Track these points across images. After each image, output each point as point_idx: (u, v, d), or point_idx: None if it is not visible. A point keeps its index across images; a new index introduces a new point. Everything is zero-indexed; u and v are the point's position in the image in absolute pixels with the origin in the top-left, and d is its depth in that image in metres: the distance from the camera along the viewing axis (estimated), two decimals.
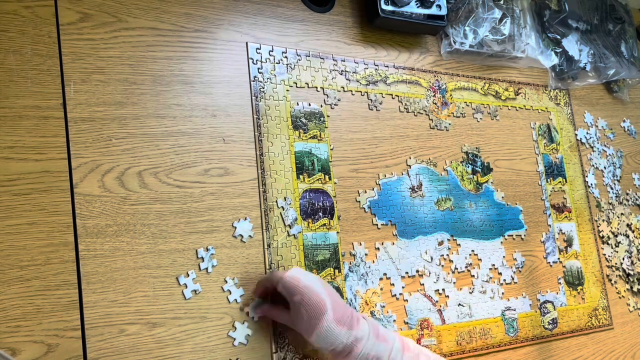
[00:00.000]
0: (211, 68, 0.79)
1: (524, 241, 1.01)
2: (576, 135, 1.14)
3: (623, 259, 1.12)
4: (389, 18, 0.91)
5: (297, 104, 0.84)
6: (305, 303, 0.66)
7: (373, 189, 0.87)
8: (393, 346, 0.69)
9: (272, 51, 0.85)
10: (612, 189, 1.15)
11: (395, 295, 0.85)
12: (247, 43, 0.83)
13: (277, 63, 0.85)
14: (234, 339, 0.71)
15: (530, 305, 0.97)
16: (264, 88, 0.82)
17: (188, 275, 0.70)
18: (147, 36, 0.76)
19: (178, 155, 0.74)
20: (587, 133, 1.16)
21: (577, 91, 1.19)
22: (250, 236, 0.76)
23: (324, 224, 0.82)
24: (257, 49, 0.83)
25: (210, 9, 0.81)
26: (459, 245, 0.93)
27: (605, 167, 1.17)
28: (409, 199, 0.90)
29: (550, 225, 1.05)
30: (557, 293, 1.01)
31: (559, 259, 1.04)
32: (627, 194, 1.18)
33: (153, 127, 0.73)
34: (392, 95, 0.94)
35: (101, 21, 0.73)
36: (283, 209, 0.79)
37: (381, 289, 0.84)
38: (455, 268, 0.91)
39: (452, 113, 0.99)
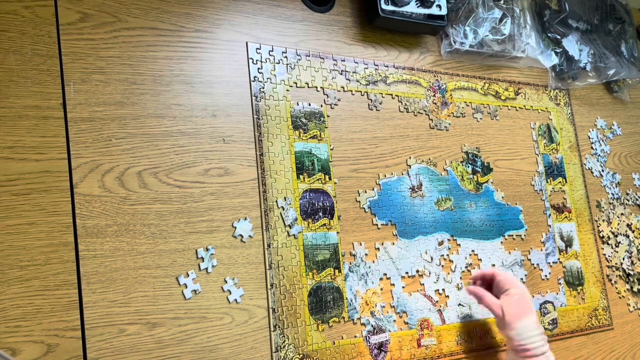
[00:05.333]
0: (211, 68, 0.79)
1: (524, 241, 1.01)
2: (589, 137, 1.14)
3: (623, 259, 1.12)
4: (389, 18, 0.91)
5: (297, 104, 0.84)
6: (521, 298, 0.81)
7: (373, 189, 0.87)
8: None
9: (272, 51, 0.85)
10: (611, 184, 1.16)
11: (395, 295, 0.85)
12: (247, 43, 0.83)
13: (277, 63, 0.84)
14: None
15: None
16: (264, 88, 0.82)
17: (188, 275, 0.70)
18: (147, 36, 0.76)
19: (178, 155, 0.74)
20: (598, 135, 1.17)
21: (577, 91, 1.19)
22: (250, 236, 0.76)
23: (324, 224, 0.82)
24: (257, 49, 0.83)
25: (210, 9, 0.81)
26: (459, 245, 0.93)
27: (602, 169, 1.17)
28: (409, 199, 0.90)
29: (550, 225, 1.05)
30: (557, 293, 1.01)
31: (558, 259, 1.04)
32: (627, 194, 1.18)
33: (153, 127, 0.73)
34: (392, 95, 0.94)
35: (101, 21, 0.73)
36: (283, 209, 0.79)
37: (381, 289, 0.84)
38: (455, 268, 0.91)
39: (452, 113, 0.99)
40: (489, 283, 0.87)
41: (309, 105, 0.85)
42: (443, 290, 0.89)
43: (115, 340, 0.65)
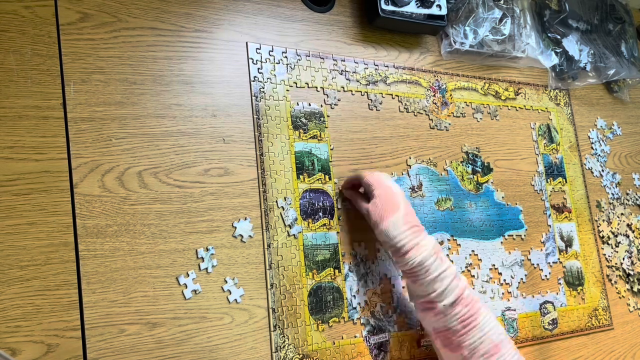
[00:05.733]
0: (211, 68, 0.79)
1: (524, 241, 1.01)
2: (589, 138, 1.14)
3: (623, 259, 1.12)
4: (389, 18, 0.91)
5: (297, 104, 0.84)
6: (383, 196, 0.76)
7: None
8: (447, 269, 0.73)
9: (272, 51, 0.85)
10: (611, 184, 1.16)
11: (395, 295, 0.85)
12: (247, 43, 0.83)
13: (277, 63, 0.85)
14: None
15: (530, 305, 0.97)
16: (264, 88, 0.82)
17: (188, 275, 0.70)
18: (147, 36, 0.76)
19: (178, 155, 0.74)
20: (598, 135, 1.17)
21: (577, 91, 1.19)
22: (250, 236, 0.76)
23: (324, 224, 0.82)
24: (257, 49, 0.83)
25: (210, 9, 0.81)
26: (459, 245, 0.93)
27: (603, 169, 1.17)
28: (409, 198, 0.90)
29: (550, 225, 1.05)
30: (557, 293, 1.01)
31: (558, 259, 1.04)
32: (627, 194, 1.18)
33: (153, 127, 0.73)
34: (392, 95, 0.94)
35: (101, 21, 0.73)
36: (283, 209, 0.79)
37: (381, 289, 0.84)
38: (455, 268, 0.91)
39: (452, 113, 0.99)
40: (358, 187, 0.83)
41: (309, 105, 0.85)
42: None
43: (115, 340, 0.65)
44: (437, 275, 0.72)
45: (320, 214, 0.82)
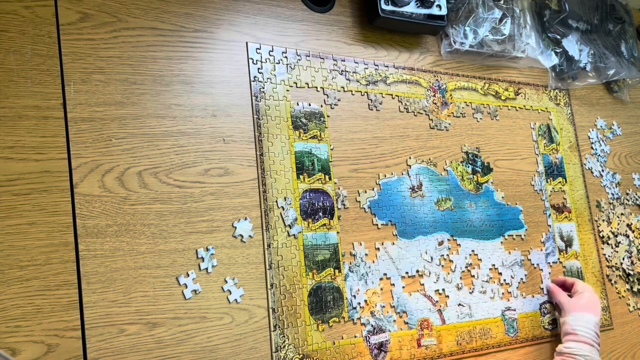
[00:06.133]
0: (211, 68, 0.79)
1: (524, 241, 1.01)
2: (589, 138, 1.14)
3: (623, 259, 1.12)
4: (389, 18, 0.91)
5: (297, 104, 0.84)
6: (591, 300, 0.91)
7: (373, 189, 0.87)
8: None
9: (272, 51, 0.85)
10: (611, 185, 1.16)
11: (395, 295, 0.85)
12: (247, 43, 0.83)
13: (277, 63, 0.85)
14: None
15: (530, 305, 0.97)
16: (264, 88, 0.82)
17: (188, 275, 0.70)
18: (147, 36, 0.76)
19: (178, 155, 0.74)
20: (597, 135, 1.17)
21: (577, 91, 1.19)
22: (250, 236, 0.76)
23: (324, 224, 0.82)
24: (257, 49, 0.83)
25: (210, 9, 0.81)
26: (459, 245, 0.93)
27: (602, 169, 1.17)
28: (409, 199, 0.90)
29: (550, 225, 1.05)
30: None
31: (558, 259, 1.04)
32: (627, 194, 1.18)
33: (153, 127, 0.73)
34: (392, 95, 0.94)
35: (101, 21, 0.73)
36: (283, 209, 0.79)
37: (381, 289, 0.84)
38: (455, 268, 0.91)
39: (452, 113, 0.99)
40: (567, 289, 0.97)
41: (309, 105, 0.85)
42: (443, 290, 0.89)
43: (115, 340, 0.65)
44: None
45: (320, 214, 0.82)
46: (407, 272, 0.87)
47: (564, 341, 0.88)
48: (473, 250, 0.94)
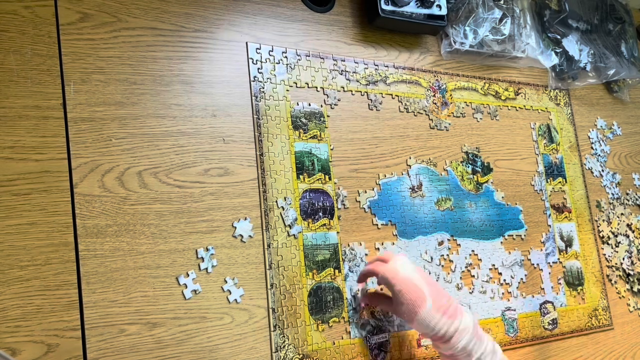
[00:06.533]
0: (211, 68, 0.79)
1: (524, 241, 1.01)
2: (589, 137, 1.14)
3: (623, 259, 1.12)
4: (389, 18, 0.91)
5: (297, 104, 0.84)
6: (405, 293, 0.71)
7: (373, 189, 0.87)
8: (486, 347, 0.73)
9: (272, 51, 0.85)
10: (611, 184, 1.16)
11: None
12: (247, 43, 0.83)
13: (277, 63, 0.84)
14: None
15: (530, 305, 0.97)
16: (264, 88, 0.82)
17: (188, 275, 0.70)
18: (147, 36, 0.76)
19: (178, 155, 0.74)
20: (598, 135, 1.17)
21: (577, 91, 1.19)
22: (250, 236, 0.76)
23: (324, 224, 0.82)
24: (257, 49, 0.83)
25: (210, 9, 0.81)
26: (459, 245, 0.93)
27: (602, 169, 1.17)
28: (409, 199, 0.90)
29: (550, 225, 1.05)
30: (557, 293, 1.01)
31: (558, 259, 1.04)
32: (627, 194, 1.18)
33: (153, 127, 0.73)
34: (392, 95, 0.94)
35: (101, 21, 0.73)
36: (283, 209, 0.79)
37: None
38: (455, 268, 0.91)
39: (452, 113, 0.99)
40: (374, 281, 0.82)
41: (309, 105, 0.85)
42: None
43: (115, 340, 0.65)
44: (479, 356, 0.72)
45: (320, 214, 0.82)
46: None
47: (437, 345, 0.75)
48: (473, 250, 0.94)
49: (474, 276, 0.93)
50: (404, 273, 0.73)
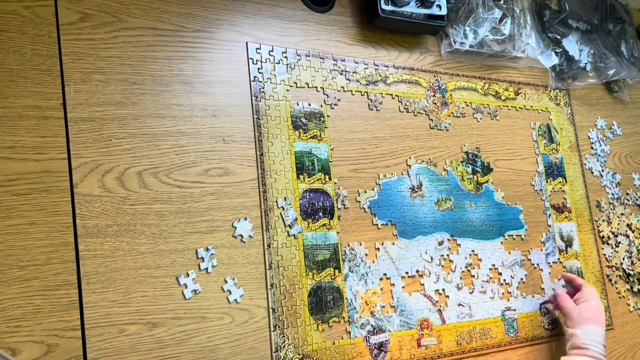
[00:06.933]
0: (211, 68, 0.79)
1: (524, 241, 1.01)
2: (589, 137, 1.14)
3: (623, 259, 1.12)
4: (389, 18, 0.91)
5: (297, 104, 0.84)
6: (598, 308, 0.91)
7: (373, 189, 0.87)
8: None
9: (272, 51, 0.85)
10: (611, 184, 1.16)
11: (395, 295, 0.85)
12: (247, 43, 0.83)
13: (277, 63, 0.85)
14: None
15: (530, 305, 0.97)
16: (264, 88, 0.82)
17: (188, 275, 0.70)
18: (147, 36, 0.76)
19: (178, 155, 0.74)
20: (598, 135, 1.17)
21: (577, 91, 1.19)
22: (250, 236, 0.76)
23: (324, 224, 0.82)
24: (257, 49, 0.83)
25: (210, 9, 0.81)
26: (459, 245, 0.93)
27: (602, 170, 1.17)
28: (409, 199, 0.90)
29: (550, 225, 1.05)
30: None
31: (558, 259, 1.04)
32: (627, 194, 1.18)
33: (153, 127, 0.73)
34: (392, 95, 0.94)
35: (101, 21, 0.73)
36: (283, 209, 0.79)
37: (381, 289, 0.84)
38: (455, 268, 0.91)
39: (452, 113, 0.99)
40: (573, 288, 0.98)
41: (309, 105, 0.85)
42: (443, 290, 0.89)
43: (115, 340, 0.65)
44: None
45: (320, 214, 0.82)
46: (407, 272, 0.87)
47: (572, 353, 0.88)
48: (473, 250, 0.94)
49: (474, 276, 0.93)
50: (601, 304, 0.93)
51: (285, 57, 0.85)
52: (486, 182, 1.00)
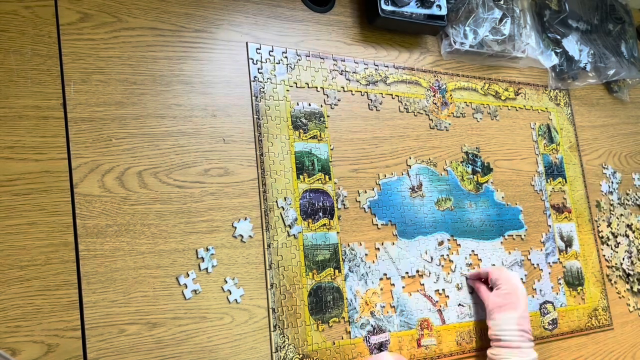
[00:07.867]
0: (211, 68, 0.79)
1: (524, 241, 1.01)
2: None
3: (623, 259, 1.12)
4: (389, 18, 0.91)
5: (297, 104, 0.84)
6: (507, 292, 0.85)
7: (373, 189, 0.87)
8: None
9: (272, 51, 0.85)
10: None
11: (395, 295, 0.85)
12: (247, 43, 0.83)
13: (277, 63, 0.85)
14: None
15: (530, 305, 0.97)
16: (264, 88, 0.82)
17: (188, 276, 0.70)
18: (147, 36, 0.76)
19: (178, 155, 0.74)
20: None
21: (577, 91, 1.19)
22: (250, 236, 0.76)
23: (324, 224, 0.82)
24: (257, 49, 0.83)
25: (210, 9, 0.81)
26: (459, 245, 0.93)
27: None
28: (409, 199, 0.90)
29: (550, 225, 1.05)
30: (557, 293, 1.01)
31: (558, 259, 1.04)
32: (627, 194, 1.18)
33: (153, 127, 0.73)
34: (392, 95, 0.94)
35: (101, 21, 0.73)
36: (283, 209, 0.79)
37: (381, 289, 0.84)
38: (455, 268, 0.91)
39: (452, 113, 1.00)
40: (487, 280, 0.91)
41: (309, 105, 0.85)
42: (443, 290, 0.89)
43: (115, 340, 0.65)
44: None
45: (320, 214, 0.82)
46: (407, 272, 0.87)
47: (492, 346, 0.84)
48: (473, 251, 0.94)
49: None
50: (514, 281, 0.86)
51: (285, 57, 0.85)
52: (486, 182, 1.00)
